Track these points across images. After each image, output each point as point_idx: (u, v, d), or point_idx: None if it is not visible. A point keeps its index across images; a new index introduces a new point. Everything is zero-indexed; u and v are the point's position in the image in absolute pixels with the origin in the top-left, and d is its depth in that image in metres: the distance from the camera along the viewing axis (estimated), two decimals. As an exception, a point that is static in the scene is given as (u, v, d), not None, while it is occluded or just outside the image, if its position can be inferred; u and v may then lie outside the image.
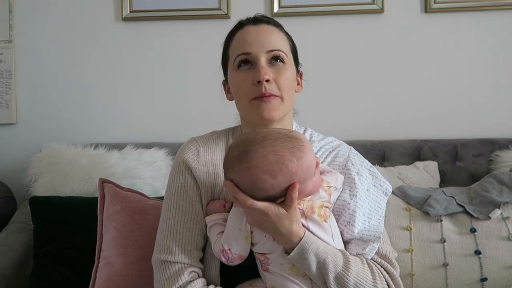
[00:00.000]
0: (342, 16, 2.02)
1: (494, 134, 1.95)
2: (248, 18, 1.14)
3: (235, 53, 1.10)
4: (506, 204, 1.56)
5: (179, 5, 2.05)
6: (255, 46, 1.08)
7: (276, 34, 1.11)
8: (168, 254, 1.05)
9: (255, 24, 1.12)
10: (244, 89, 1.08)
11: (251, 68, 1.08)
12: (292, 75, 1.12)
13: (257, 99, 1.07)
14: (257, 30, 1.10)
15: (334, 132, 1.43)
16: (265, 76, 1.05)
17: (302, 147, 0.95)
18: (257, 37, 1.09)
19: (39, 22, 2.10)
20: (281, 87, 1.08)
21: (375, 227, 1.07)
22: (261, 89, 1.06)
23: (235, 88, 1.12)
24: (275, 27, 1.13)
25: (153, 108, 2.08)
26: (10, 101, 2.10)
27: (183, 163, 1.13)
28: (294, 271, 0.99)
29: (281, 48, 1.10)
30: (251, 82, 1.07)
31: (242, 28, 1.12)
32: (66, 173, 1.77)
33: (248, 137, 0.97)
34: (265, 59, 1.08)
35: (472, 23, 1.99)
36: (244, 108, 1.11)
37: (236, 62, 1.10)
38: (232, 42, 1.13)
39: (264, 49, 1.08)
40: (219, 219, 1.05)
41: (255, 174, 0.93)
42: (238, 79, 1.10)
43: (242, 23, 1.14)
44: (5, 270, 1.60)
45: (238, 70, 1.10)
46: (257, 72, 1.06)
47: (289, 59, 1.11)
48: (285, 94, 1.08)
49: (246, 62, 1.09)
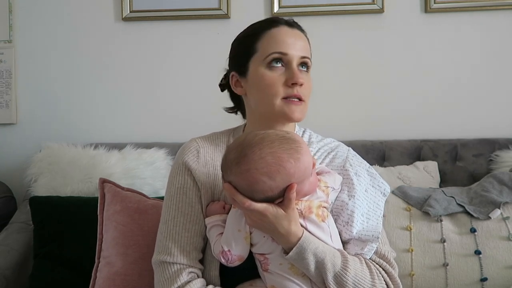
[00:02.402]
0: (342, 16, 2.02)
1: (494, 134, 1.94)
2: (282, 19, 1.14)
3: (270, 50, 1.09)
4: (506, 204, 1.56)
5: (179, 5, 2.05)
6: (293, 49, 1.09)
7: (305, 42, 1.14)
8: (167, 255, 1.06)
9: (290, 27, 1.13)
10: (275, 87, 1.09)
11: (283, 68, 1.09)
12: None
13: (287, 100, 1.08)
14: (294, 34, 1.12)
15: (334, 132, 1.44)
16: (301, 80, 1.08)
17: (299, 148, 0.96)
18: (295, 41, 1.10)
19: (39, 22, 2.10)
20: (306, 93, 1.10)
21: (374, 227, 1.08)
22: (293, 91, 1.08)
23: (264, 85, 1.10)
24: (304, 34, 1.15)
25: (153, 108, 2.08)
26: (10, 101, 2.10)
27: (183, 164, 1.13)
28: (293, 271, 0.99)
29: (309, 56, 1.13)
30: (283, 82, 1.08)
31: (278, 27, 1.12)
32: (66, 173, 1.77)
33: (245, 139, 0.97)
34: (296, 64, 1.10)
35: (472, 23, 1.99)
36: (271, 105, 1.09)
37: (269, 58, 1.09)
38: (264, 37, 1.11)
39: (298, 54, 1.10)
40: (218, 220, 1.06)
41: (253, 176, 0.93)
42: (270, 77, 1.09)
43: (276, 21, 1.13)
44: (5, 270, 1.60)
45: (270, 68, 1.09)
46: (294, 74, 1.08)
47: (310, 68, 1.15)
48: (307, 100, 1.11)
49: (278, 61, 1.09)
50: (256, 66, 1.11)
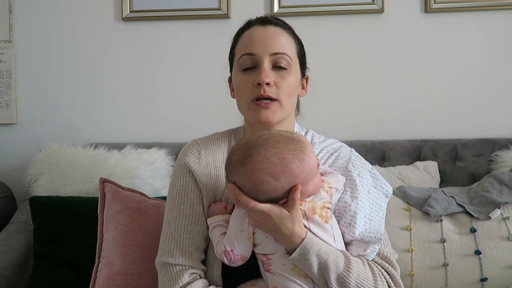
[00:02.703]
0: (342, 16, 2.03)
1: (494, 134, 1.95)
2: (257, 18, 1.14)
3: (240, 52, 1.10)
4: (506, 204, 1.56)
5: (179, 5, 2.05)
6: (260, 47, 1.07)
7: (283, 36, 1.10)
8: (169, 256, 1.06)
9: (263, 25, 1.11)
10: (244, 90, 1.09)
11: (254, 70, 1.08)
12: (295, 80, 1.11)
13: (256, 103, 1.07)
14: (263, 32, 1.09)
15: (334, 132, 1.44)
16: (266, 79, 1.05)
17: (304, 149, 0.95)
18: (263, 39, 1.08)
19: (39, 22, 2.10)
20: (281, 91, 1.07)
21: (376, 228, 1.07)
22: (260, 90, 1.06)
23: (237, 88, 1.13)
24: (283, 29, 1.12)
25: (153, 108, 2.08)
26: (10, 101, 2.10)
27: (184, 166, 1.13)
28: (296, 271, 0.99)
29: (286, 52, 1.09)
30: (252, 83, 1.07)
31: (250, 28, 1.12)
32: (66, 173, 1.77)
33: (250, 139, 0.97)
34: (268, 62, 1.07)
35: (472, 23, 1.99)
36: (243, 109, 1.12)
37: (240, 61, 1.10)
38: (239, 41, 1.13)
39: (268, 51, 1.07)
40: (221, 220, 1.06)
41: (258, 176, 0.93)
42: (240, 79, 1.10)
43: (250, 22, 1.13)
44: (5, 270, 1.60)
45: (242, 71, 1.10)
46: (259, 74, 1.06)
47: (293, 63, 1.11)
48: (285, 98, 1.08)
49: (249, 62, 1.08)
50: (234, 70, 1.13)
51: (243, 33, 1.13)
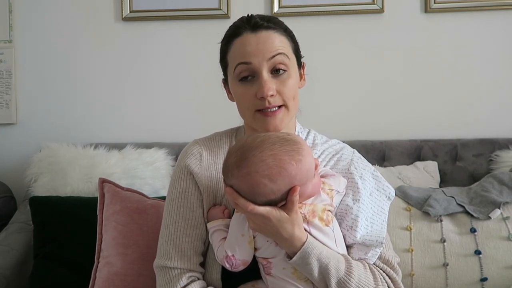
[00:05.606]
0: (342, 16, 2.03)
1: (494, 134, 1.95)
2: (245, 21, 1.07)
3: (234, 61, 1.06)
4: (506, 204, 1.56)
5: (179, 5, 2.05)
6: (255, 56, 1.03)
7: (277, 38, 1.05)
8: (167, 260, 1.05)
9: (254, 32, 1.05)
10: (247, 102, 1.06)
11: (253, 80, 1.04)
12: (295, 79, 1.08)
13: (261, 113, 1.05)
14: (256, 39, 1.04)
15: (334, 132, 1.44)
16: (269, 92, 1.02)
17: (301, 149, 0.94)
18: (257, 46, 1.03)
19: (39, 22, 2.10)
20: (285, 97, 1.05)
21: (378, 232, 1.06)
22: (264, 103, 1.03)
23: (237, 100, 1.09)
24: (274, 31, 1.06)
25: (153, 108, 2.08)
26: (10, 101, 2.10)
27: (185, 168, 1.11)
28: (296, 275, 0.99)
29: (283, 51, 1.05)
30: (253, 96, 1.04)
31: (241, 36, 1.06)
32: (66, 173, 1.77)
33: (246, 142, 0.96)
34: (267, 69, 1.04)
35: (472, 23, 1.99)
36: (248, 119, 1.09)
37: (236, 70, 1.06)
38: (231, 48, 1.08)
39: (265, 57, 1.03)
40: (221, 225, 1.05)
41: (254, 179, 0.92)
42: (240, 92, 1.07)
43: (239, 27, 1.07)
44: (5, 270, 1.60)
45: (240, 83, 1.06)
46: (260, 87, 1.03)
47: (292, 62, 1.07)
48: (290, 102, 1.06)
49: (246, 72, 1.04)
50: (230, 79, 1.09)
51: (233, 41, 1.07)
